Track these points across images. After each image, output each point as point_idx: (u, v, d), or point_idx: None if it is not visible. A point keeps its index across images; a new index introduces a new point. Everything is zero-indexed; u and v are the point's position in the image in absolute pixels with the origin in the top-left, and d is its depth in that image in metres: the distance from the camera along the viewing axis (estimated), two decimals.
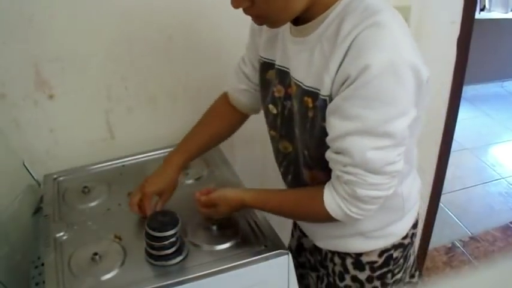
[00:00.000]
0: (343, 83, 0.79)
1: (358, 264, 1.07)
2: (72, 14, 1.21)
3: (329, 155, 0.86)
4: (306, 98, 0.88)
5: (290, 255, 0.99)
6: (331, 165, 0.87)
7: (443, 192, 2.07)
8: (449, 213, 2.74)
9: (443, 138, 1.89)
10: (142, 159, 1.38)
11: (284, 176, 1.10)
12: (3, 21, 1.16)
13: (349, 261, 1.08)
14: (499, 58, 4.18)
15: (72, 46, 1.25)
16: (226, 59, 1.40)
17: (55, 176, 1.31)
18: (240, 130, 1.31)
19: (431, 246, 2.24)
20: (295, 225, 1.31)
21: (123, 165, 1.36)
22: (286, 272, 1.01)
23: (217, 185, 1.22)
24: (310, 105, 0.87)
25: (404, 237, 1.08)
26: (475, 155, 3.40)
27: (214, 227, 1.05)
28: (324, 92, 0.83)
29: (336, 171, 0.85)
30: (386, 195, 0.86)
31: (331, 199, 0.87)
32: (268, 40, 1.01)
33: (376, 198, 0.85)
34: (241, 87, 1.14)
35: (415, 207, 1.11)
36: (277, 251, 0.99)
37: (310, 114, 0.88)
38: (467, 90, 2.63)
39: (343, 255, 1.09)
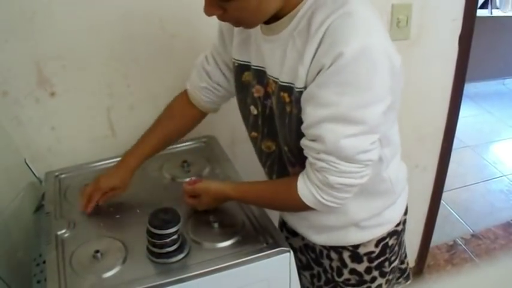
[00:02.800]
0: (317, 73, 0.79)
1: (356, 257, 1.08)
2: (74, 12, 1.21)
3: (304, 142, 0.87)
4: (282, 94, 0.89)
5: (292, 253, 0.99)
6: (305, 152, 0.88)
7: (444, 189, 2.07)
8: (451, 210, 2.74)
9: (444, 136, 1.89)
10: None
11: (269, 176, 1.11)
12: (5, 19, 1.16)
13: (346, 255, 1.09)
14: (501, 56, 4.17)
15: (73, 44, 1.25)
16: None
17: (57, 174, 1.31)
18: (240, 128, 1.31)
19: (432, 243, 2.24)
20: (281, 227, 1.29)
21: None
22: (287, 270, 1.01)
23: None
24: (287, 99, 0.88)
25: (398, 224, 1.10)
26: (476, 152, 3.40)
27: (216, 225, 1.05)
28: (299, 84, 0.84)
29: (309, 158, 0.87)
30: (359, 184, 0.87)
31: (304, 186, 0.89)
32: (241, 42, 1.00)
33: (348, 186, 0.86)
34: (201, 84, 1.14)
35: (404, 193, 1.12)
36: (278, 249, 0.99)
37: (288, 108, 0.89)
38: (469, 88, 2.62)
39: (340, 250, 1.09)
